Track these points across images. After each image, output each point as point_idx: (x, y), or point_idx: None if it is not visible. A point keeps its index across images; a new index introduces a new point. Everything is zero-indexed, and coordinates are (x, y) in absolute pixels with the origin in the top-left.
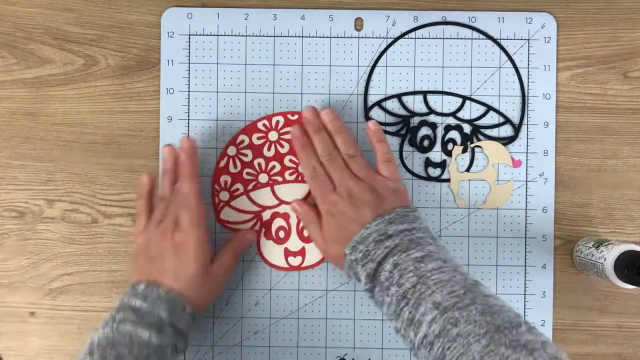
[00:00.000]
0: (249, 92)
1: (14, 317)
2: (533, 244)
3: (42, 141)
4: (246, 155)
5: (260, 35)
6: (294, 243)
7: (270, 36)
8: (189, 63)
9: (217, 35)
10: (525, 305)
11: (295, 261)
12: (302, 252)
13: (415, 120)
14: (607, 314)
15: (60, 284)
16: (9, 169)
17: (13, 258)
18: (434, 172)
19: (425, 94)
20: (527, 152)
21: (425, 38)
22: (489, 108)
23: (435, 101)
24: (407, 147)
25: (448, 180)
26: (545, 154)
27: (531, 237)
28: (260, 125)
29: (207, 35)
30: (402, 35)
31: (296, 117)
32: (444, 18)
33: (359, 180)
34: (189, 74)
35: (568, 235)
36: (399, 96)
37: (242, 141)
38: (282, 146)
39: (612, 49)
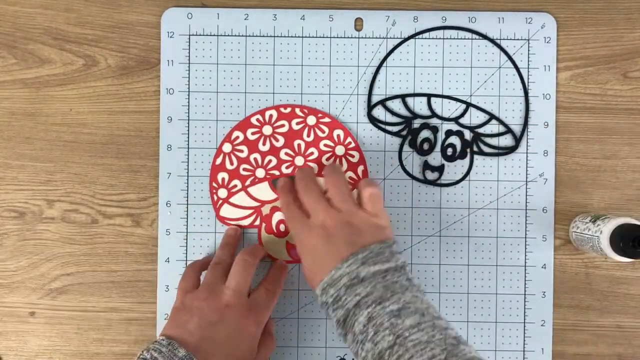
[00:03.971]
0: (249, 92)
1: (13, 317)
2: (533, 244)
3: (42, 141)
4: (242, 151)
5: (260, 35)
6: None
7: (270, 36)
8: (189, 63)
9: (217, 35)
10: (525, 305)
11: (297, 253)
12: None
13: (417, 122)
14: (607, 314)
15: (60, 284)
16: (9, 169)
17: (13, 258)
18: (432, 175)
19: (429, 96)
20: (527, 152)
21: (425, 38)
22: (492, 116)
23: (438, 105)
24: (406, 148)
25: (446, 185)
26: (545, 154)
27: (531, 237)
28: (253, 120)
29: (207, 35)
30: (412, 36)
31: (289, 110)
32: (444, 18)
33: (335, 213)
34: (189, 74)
35: (568, 235)
36: (402, 97)
37: (237, 137)
38: (276, 140)
39: (612, 49)
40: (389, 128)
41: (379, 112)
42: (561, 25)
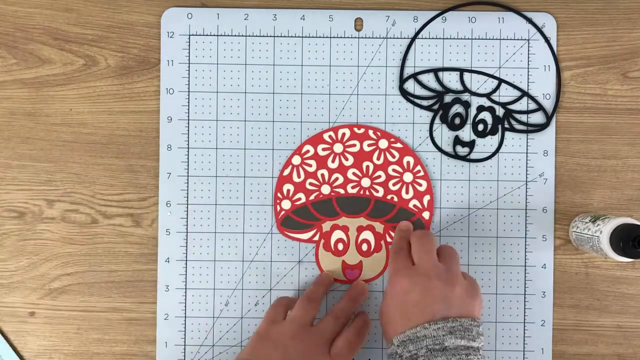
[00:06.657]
0: (249, 92)
1: (13, 317)
2: (533, 244)
3: (42, 141)
4: (310, 166)
5: (260, 35)
6: (352, 256)
7: (270, 36)
8: (189, 63)
9: (217, 35)
10: (525, 305)
11: (352, 274)
12: (359, 266)
13: (449, 97)
14: (607, 314)
15: (60, 284)
16: (9, 169)
17: (13, 258)
18: (462, 150)
19: (461, 71)
20: (527, 152)
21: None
22: (523, 93)
23: (470, 80)
24: (437, 121)
25: (475, 161)
26: (545, 154)
27: (531, 237)
28: (326, 136)
29: (207, 35)
30: (443, 12)
31: (362, 130)
32: (444, 18)
33: (442, 271)
34: (189, 74)
35: (568, 235)
36: (435, 71)
37: (307, 151)
38: (346, 159)
39: (612, 49)
40: (420, 102)
41: (411, 84)
42: (561, 25)
